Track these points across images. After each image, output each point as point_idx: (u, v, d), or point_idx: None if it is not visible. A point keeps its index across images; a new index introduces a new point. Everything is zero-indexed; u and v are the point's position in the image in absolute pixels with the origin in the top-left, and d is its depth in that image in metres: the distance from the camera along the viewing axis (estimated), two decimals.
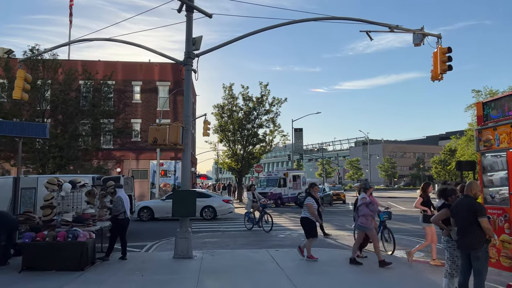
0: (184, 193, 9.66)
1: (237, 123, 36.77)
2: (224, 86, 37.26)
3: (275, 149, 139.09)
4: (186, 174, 9.99)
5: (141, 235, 15.17)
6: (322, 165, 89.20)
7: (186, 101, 10.31)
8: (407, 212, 24.96)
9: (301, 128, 43.89)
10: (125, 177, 16.28)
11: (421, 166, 73.38)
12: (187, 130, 10.05)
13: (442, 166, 57.61)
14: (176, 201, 9.57)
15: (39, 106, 28.40)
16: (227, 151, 38.39)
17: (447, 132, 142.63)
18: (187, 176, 10.01)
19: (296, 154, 51.62)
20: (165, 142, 9.52)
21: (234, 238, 13.73)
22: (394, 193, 58.95)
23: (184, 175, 10.01)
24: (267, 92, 37.53)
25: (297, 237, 13.79)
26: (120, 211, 10.13)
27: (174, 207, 9.52)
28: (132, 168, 35.49)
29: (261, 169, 38.52)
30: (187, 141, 9.98)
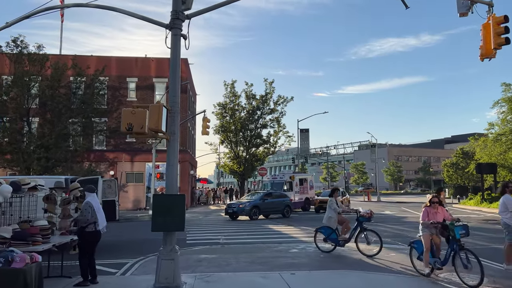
0: (170, 199, 7.13)
1: (240, 122, 34.28)
2: (225, 83, 34.90)
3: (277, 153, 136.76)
4: (172, 173, 7.46)
5: (125, 248, 12.62)
6: (327, 169, 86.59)
7: (173, 77, 7.78)
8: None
9: (308, 129, 41.32)
10: (106, 179, 13.78)
11: (431, 169, 70.74)
12: (174, 115, 7.53)
13: (454, 169, 54.83)
14: (157, 209, 7.02)
15: (25, 103, 26.06)
16: (228, 153, 35.87)
17: (453, 136, 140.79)
18: (174, 176, 7.48)
19: (301, 158, 49.06)
20: (144, 129, 7.01)
21: (236, 253, 11.17)
22: (403, 198, 56.30)
23: (170, 175, 7.48)
24: (272, 90, 35.09)
25: (314, 252, 11.21)
26: (89, 222, 7.68)
27: (155, 217, 6.98)
28: (127, 170, 33.01)
29: (265, 172, 35.96)
30: (174, 129, 7.45)
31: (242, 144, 35.24)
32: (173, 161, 7.44)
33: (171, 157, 7.46)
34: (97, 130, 29.96)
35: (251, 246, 12.66)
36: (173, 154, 7.46)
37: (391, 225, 18.67)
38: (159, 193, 33.38)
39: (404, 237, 14.52)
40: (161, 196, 7.35)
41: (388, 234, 15.38)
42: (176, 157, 7.48)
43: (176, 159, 7.46)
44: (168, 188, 7.42)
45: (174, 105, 7.59)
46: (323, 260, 10.10)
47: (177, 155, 7.49)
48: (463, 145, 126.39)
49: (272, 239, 14.27)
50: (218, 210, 33.35)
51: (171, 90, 7.65)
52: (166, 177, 7.53)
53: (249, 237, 14.92)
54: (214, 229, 18.03)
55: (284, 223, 20.43)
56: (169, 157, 7.48)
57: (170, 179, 7.44)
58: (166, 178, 7.56)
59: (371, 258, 10.38)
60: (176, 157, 7.48)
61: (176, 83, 7.69)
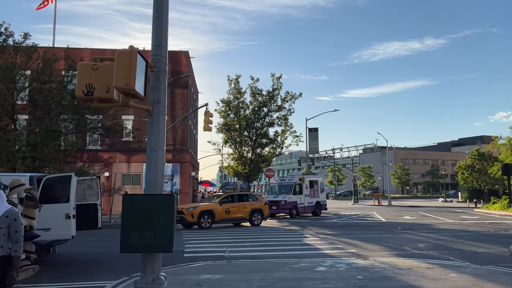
0: (151, 202, 4.58)
1: (244, 120, 31.72)
2: (229, 79, 32.28)
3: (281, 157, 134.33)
4: (155, 163, 4.91)
5: (106, 263, 10.07)
6: (333, 172, 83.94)
7: (158, 9, 5.25)
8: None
9: (317, 128, 38.70)
10: (86, 178, 11.25)
11: (443, 172, 67.78)
12: (159, 74, 5.02)
13: (469, 172, 52.08)
14: (130, 217, 4.48)
15: (10, 97, 23.71)
16: (233, 153, 33.28)
17: (460, 139, 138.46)
18: (157, 168, 4.94)
19: (307, 160, 46.44)
20: (111, 93, 4.53)
21: (246, 273, 8.62)
22: (414, 202, 53.57)
23: (152, 165, 4.93)
24: (279, 85, 32.52)
25: (348, 272, 8.63)
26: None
27: (126, 229, 4.44)
28: (123, 172, 30.50)
29: (272, 173, 33.30)
30: (158, 96, 4.96)
31: (247, 144, 32.70)
32: (157, 144, 4.90)
33: (153, 138, 4.93)
34: (90, 128, 27.51)
35: (264, 262, 10.07)
36: (156, 133, 4.93)
37: (424, 233, 16.05)
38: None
39: (450, 249, 11.91)
40: (137, 198, 4.78)
41: (428, 245, 12.76)
42: (162, 139, 4.95)
43: (161, 141, 4.93)
44: (149, 185, 4.87)
45: (159, 60, 5.06)
46: (367, 285, 7.53)
47: (163, 136, 4.97)
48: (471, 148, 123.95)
49: (288, 251, 11.70)
50: None
51: (155, 34, 5.12)
52: (147, 168, 4.99)
53: (260, 248, 12.36)
54: (217, 237, 15.47)
55: (299, 231, 17.84)
56: (151, 138, 4.95)
57: (152, 171, 4.90)
58: (146, 169, 5.00)
59: (432, 280, 7.76)
60: (162, 139, 4.95)
61: (163, 21, 5.16)
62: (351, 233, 16.63)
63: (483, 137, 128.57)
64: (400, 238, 14.50)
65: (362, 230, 17.74)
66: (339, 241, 13.88)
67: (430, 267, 9.11)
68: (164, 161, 4.96)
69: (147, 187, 4.87)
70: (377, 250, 11.80)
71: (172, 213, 4.48)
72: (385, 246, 12.50)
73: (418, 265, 9.36)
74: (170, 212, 4.49)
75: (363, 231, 17.53)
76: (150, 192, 4.81)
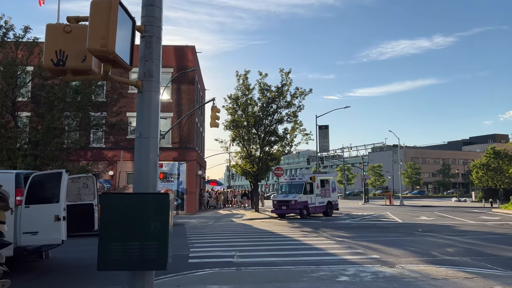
0: (138, 203, 3.49)
1: (253, 117, 30.63)
2: (238, 74, 31.19)
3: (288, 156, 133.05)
4: (146, 153, 3.76)
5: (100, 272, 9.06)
6: (342, 171, 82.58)
7: None
8: None
9: (327, 125, 37.46)
10: (80, 176, 10.24)
11: (456, 171, 65.97)
12: (151, 40, 3.96)
13: (485, 171, 50.45)
14: (110, 222, 3.39)
15: (11, 94, 22.94)
16: (240, 152, 32.21)
17: (471, 137, 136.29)
18: (149, 159, 3.81)
19: (317, 158, 45.22)
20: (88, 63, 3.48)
21: (259, 283, 7.55)
22: (426, 201, 52.10)
23: (143, 154, 3.80)
24: (289, 81, 31.37)
25: (375, 283, 7.50)
26: None
27: (105, 240, 3.37)
28: (128, 170, 29.57)
29: (282, 172, 32.22)
30: (150, 68, 3.89)
31: (255, 141, 31.61)
32: (148, 129, 3.83)
33: (144, 121, 3.86)
34: (94, 125, 26.63)
35: (279, 269, 8.97)
36: (148, 115, 3.86)
37: (448, 236, 14.83)
38: None
39: (484, 254, 10.71)
40: (120, 198, 3.70)
41: (458, 250, 11.58)
42: (154, 122, 3.89)
43: (153, 125, 3.86)
44: (138, 182, 3.80)
45: (151, 22, 3.99)
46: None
47: (156, 119, 3.91)
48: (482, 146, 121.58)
49: (304, 257, 10.60)
50: (230, 215, 29.73)
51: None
52: (135, 160, 3.92)
53: (272, 253, 11.26)
54: (225, 240, 14.42)
55: (312, 233, 16.72)
56: (141, 121, 3.89)
57: (142, 163, 3.82)
58: (135, 161, 3.92)
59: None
60: (154, 122, 3.89)
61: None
62: (369, 235, 15.46)
63: (495, 135, 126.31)
64: (423, 242, 13.31)
65: (379, 232, 16.56)
66: (357, 244, 12.74)
67: (469, 276, 7.94)
68: (157, 151, 3.89)
69: (135, 184, 3.80)
70: (402, 255, 10.64)
71: (167, 217, 3.41)
72: (410, 251, 11.33)
73: (454, 274, 8.20)
74: (164, 217, 3.41)
75: (381, 233, 16.35)
76: (140, 190, 3.74)
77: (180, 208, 29.79)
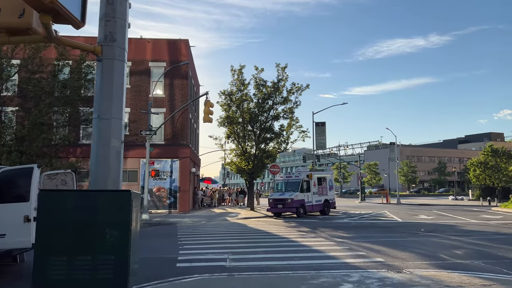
0: (90, 202, 2.58)
1: (248, 114, 29.75)
2: (232, 69, 30.31)
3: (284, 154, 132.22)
4: (106, 142, 2.84)
5: None
6: (338, 169, 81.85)
7: None
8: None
9: (324, 122, 36.57)
10: (58, 172, 9.34)
11: (453, 169, 65.06)
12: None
13: (482, 169, 49.90)
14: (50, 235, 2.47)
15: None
16: (236, 149, 31.34)
17: (467, 136, 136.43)
18: (111, 149, 2.86)
19: (313, 156, 44.46)
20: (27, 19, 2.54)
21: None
22: (423, 200, 51.47)
23: (101, 145, 2.86)
24: (285, 76, 30.50)
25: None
26: None
27: (41, 258, 2.44)
28: None
29: (278, 170, 31.39)
30: (113, 29, 2.90)
31: (250, 138, 30.76)
32: (108, 108, 3.00)
33: (104, 97, 2.97)
34: (83, 120, 25.65)
35: (275, 275, 8.13)
36: (109, 90, 3.03)
37: (454, 236, 14.06)
38: (156, 194, 28.98)
39: (496, 257, 9.93)
40: (64, 196, 2.81)
41: (467, 252, 10.79)
42: (118, 99, 3.01)
43: (115, 103, 2.99)
44: (95, 176, 2.90)
45: None
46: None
47: (121, 96, 3.03)
48: (478, 145, 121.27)
49: (302, 260, 9.76)
50: (224, 213, 28.87)
51: None
52: (92, 147, 3.01)
53: (268, 256, 10.41)
54: (218, 241, 13.57)
55: (310, 233, 15.90)
56: (101, 97, 3.00)
57: (99, 152, 2.93)
58: (92, 148, 3.02)
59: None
60: (118, 99, 3.01)
61: None
62: (370, 235, 14.67)
63: (490, 134, 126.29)
64: (429, 243, 12.53)
65: (381, 233, 15.77)
66: (359, 246, 11.94)
67: (487, 284, 7.15)
68: (122, 136, 3.02)
69: (92, 178, 2.93)
70: (408, 258, 9.84)
71: (128, 222, 2.56)
72: (416, 253, 10.53)
73: (469, 280, 7.40)
74: (125, 221, 2.55)
75: (382, 233, 15.57)
76: (97, 186, 2.88)
77: (173, 207, 28.90)
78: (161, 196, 29.02)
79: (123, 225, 2.53)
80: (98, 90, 3.06)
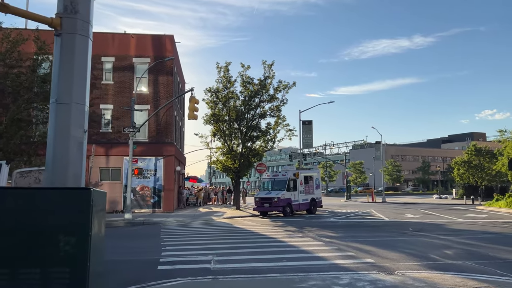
0: (39, 202, 2.09)
1: (235, 111, 29.29)
2: (218, 66, 29.78)
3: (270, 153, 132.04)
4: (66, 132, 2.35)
5: None
6: (324, 168, 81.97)
7: None
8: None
9: (311, 120, 36.35)
10: (32, 170, 8.78)
11: (437, 168, 65.71)
12: None
13: (466, 168, 50.43)
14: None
15: None
16: (222, 147, 30.85)
17: (450, 135, 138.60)
18: (71, 140, 2.36)
19: (300, 155, 44.23)
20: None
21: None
22: (408, 198, 51.77)
23: (58, 135, 2.36)
24: (272, 73, 30.10)
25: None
26: None
27: None
28: (101, 166, 27.89)
29: (264, 168, 31.03)
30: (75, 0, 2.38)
31: (236, 137, 30.30)
32: (68, 91, 2.50)
33: (63, 79, 2.50)
34: None
35: (262, 278, 7.73)
36: (69, 70, 2.53)
37: (442, 236, 13.88)
38: (139, 193, 28.28)
39: (488, 257, 9.71)
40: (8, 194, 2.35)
41: (458, 252, 10.57)
42: (80, 81, 2.53)
43: (76, 86, 2.51)
44: (51, 169, 2.44)
45: None
46: None
47: (84, 77, 2.55)
48: (461, 144, 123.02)
49: (290, 261, 9.38)
50: (209, 213, 28.37)
51: None
52: (49, 136, 2.54)
53: (254, 257, 9.99)
54: (202, 241, 13.11)
55: (297, 232, 15.55)
56: (60, 79, 2.52)
57: (58, 142, 2.46)
58: (48, 137, 2.54)
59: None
60: (80, 81, 2.53)
61: None
62: (358, 235, 14.40)
63: (473, 133, 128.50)
64: (418, 242, 12.30)
65: (369, 232, 15.53)
66: (348, 246, 11.63)
67: (482, 286, 6.88)
68: (85, 125, 2.56)
69: (48, 173, 2.47)
70: (399, 259, 9.55)
71: (87, 226, 2.11)
72: (406, 254, 10.25)
73: (463, 282, 7.12)
74: (83, 226, 2.11)
75: (370, 232, 15.32)
76: (55, 183, 2.42)
77: (157, 206, 28.27)
78: (144, 195, 28.36)
79: (81, 230, 2.09)
80: (57, 70, 2.60)
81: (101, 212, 2.36)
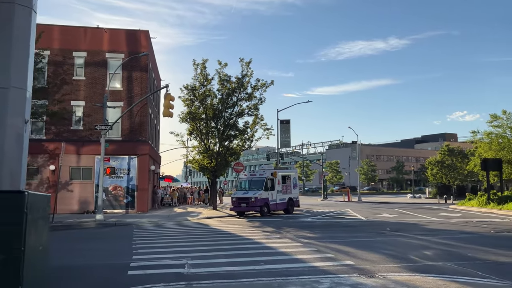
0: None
1: (212, 109, 28.74)
2: (195, 63, 29.15)
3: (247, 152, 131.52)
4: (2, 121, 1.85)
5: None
6: (301, 167, 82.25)
7: None
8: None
9: (289, 120, 36.26)
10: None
11: (412, 167, 66.90)
12: None
13: (439, 168, 51.52)
14: None
15: None
16: (198, 146, 30.23)
17: (423, 136, 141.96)
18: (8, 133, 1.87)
19: (277, 155, 44.07)
20: None
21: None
22: (383, 198, 52.46)
23: None
24: (249, 72, 29.71)
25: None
26: None
27: None
28: (72, 165, 26.84)
29: (241, 167, 30.59)
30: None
31: (213, 135, 29.74)
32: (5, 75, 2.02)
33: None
34: (33, 113, 23.69)
35: (239, 283, 7.33)
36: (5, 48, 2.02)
37: (420, 236, 13.84)
38: (112, 193, 27.34)
39: (467, 258, 9.62)
40: None
41: (437, 252, 10.45)
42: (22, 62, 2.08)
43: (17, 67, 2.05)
44: None
45: None
46: None
47: (26, 59, 2.10)
48: (433, 145, 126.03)
49: (268, 264, 9.02)
50: (185, 213, 27.76)
51: None
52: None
53: (231, 260, 9.59)
54: (177, 243, 12.59)
55: (275, 233, 15.23)
56: None
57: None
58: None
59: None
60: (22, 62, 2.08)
61: None
62: (336, 235, 14.20)
63: (445, 134, 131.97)
64: (397, 243, 12.18)
65: (347, 232, 15.37)
66: (326, 247, 11.37)
67: None
68: (26, 114, 2.11)
69: None
70: (379, 261, 9.34)
71: (20, 239, 1.67)
72: (386, 255, 10.07)
73: (446, 285, 6.93)
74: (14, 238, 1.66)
75: (348, 233, 15.16)
76: None
77: (130, 206, 27.43)
78: (117, 195, 27.47)
79: (10, 244, 1.64)
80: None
81: (41, 220, 1.92)
